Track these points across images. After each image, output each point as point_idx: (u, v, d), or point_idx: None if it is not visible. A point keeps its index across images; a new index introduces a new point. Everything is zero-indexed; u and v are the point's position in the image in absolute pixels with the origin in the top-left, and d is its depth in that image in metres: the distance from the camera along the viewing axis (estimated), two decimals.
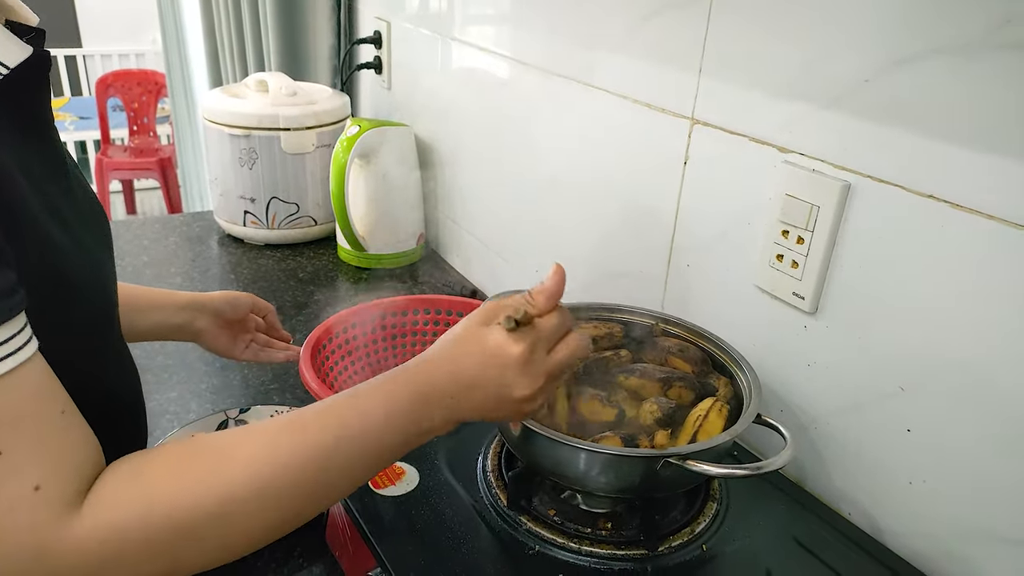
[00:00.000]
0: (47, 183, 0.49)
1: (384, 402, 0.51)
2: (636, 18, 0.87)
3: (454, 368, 0.52)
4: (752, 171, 0.76)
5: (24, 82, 0.46)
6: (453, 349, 0.53)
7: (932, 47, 0.58)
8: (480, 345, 0.52)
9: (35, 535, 0.41)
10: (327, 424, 0.49)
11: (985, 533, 0.62)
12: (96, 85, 3.99)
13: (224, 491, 0.45)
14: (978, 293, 0.59)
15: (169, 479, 0.45)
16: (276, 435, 0.48)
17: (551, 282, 0.54)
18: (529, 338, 0.52)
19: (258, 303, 0.89)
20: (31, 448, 0.42)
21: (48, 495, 0.41)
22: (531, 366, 0.52)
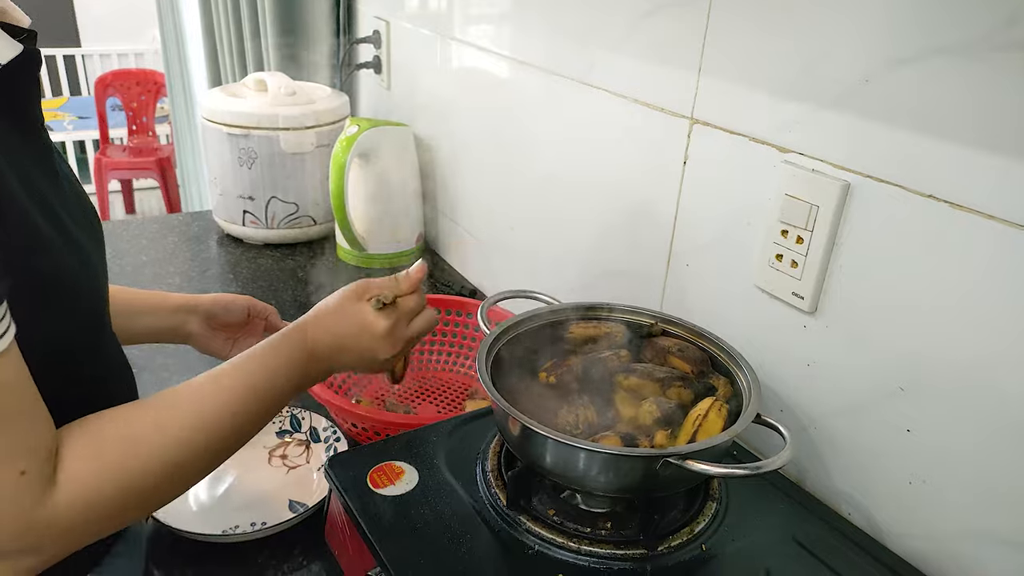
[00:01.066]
0: (37, 180, 0.49)
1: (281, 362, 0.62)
2: (635, 17, 0.87)
3: (334, 334, 0.66)
4: (752, 171, 0.76)
5: (14, 80, 0.47)
6: (332, 319, 0.66)
7: (933, 47, 0.58)
8: (355, 318, 0.66)
9: (24, 516, 0.46)
10: (240, 382, 0.59)
11: (985, 534, 0.62)
12: (95, 85, 3.99)
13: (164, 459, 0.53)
14: (978, 293, 0.59)
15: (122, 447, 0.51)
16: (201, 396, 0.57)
17: (415, 273, 0.70)
18: (394, 315, 0.67)
19: (256, 305, 0.88)
20: (15, 436, 0.45)
21: (31, 478, 0.46)
22: (393, 336, 0.67)
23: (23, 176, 0.47)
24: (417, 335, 0.70)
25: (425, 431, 0.76)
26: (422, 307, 0.70)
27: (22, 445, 0.46)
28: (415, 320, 0.70)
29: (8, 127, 0.47)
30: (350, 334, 0.66)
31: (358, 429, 0.87)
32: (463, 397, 1.01)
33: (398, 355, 0.69)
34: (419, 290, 0.70)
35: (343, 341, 0.66)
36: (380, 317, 0.66)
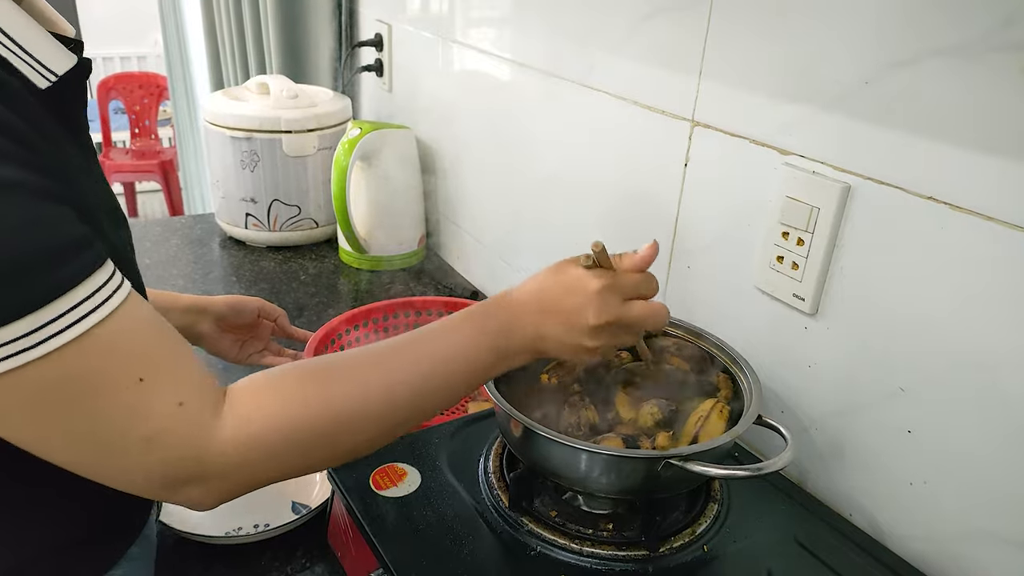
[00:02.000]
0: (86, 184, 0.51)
1: (474, 331, 0.57)
2: (636, 19, 0.87)
3: (537, 297, 0.59)
4: (752, 173, 0.76)
5: (68, 89, 0.49)
6: (536, 284, 0.60)
7: (932, 49, 0.59)
8: (561, 278, 0.59)
9: (188, 443, 0.47)
10: (426, 349, 0.56)
11: (986, 534, 0.62)
12: (98, 88, 4.00)
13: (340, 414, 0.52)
14: (978, 295, 0.59)
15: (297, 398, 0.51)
16: (387, 360, 0.55)
17: (643, 250, 0.61)
18: (606, 278, 0.58)
19: (266, 307, 0.89)
20: (164, 372, 0.47)
21: (190, 409, 0.47)
22: (605, 301, 0.57)
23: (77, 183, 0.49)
24: (633, 319, 0.59)
25: (427, 432, 0.76)
26: (649, 293, 0.60)
27: (174, 379, 0.47)
28: (635, 302, 0.59)
29: (63, 134, 0.49)
30: (554, 293, 0.58)
31: None
32: (466, 399, 1.02)
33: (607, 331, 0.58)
34: (649, 274, 0.61)
35: (545, 300, 0.58)
36: (591, 275, 0.58)
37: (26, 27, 0.46)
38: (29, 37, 0.46)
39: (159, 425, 0.46)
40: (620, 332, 0.59)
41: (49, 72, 0.47)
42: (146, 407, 0.46)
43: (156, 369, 0.47)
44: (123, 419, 0.46)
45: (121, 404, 0.45)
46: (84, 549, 0.57)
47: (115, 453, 0.46)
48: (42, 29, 0.47)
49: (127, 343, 0.46)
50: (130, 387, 0.45)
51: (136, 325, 0.47)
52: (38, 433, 0.45)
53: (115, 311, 0.45)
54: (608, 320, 0.57)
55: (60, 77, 0.48)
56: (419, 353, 0.56)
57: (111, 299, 0.45)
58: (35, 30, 0.47)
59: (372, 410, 0.54)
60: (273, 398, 0.51)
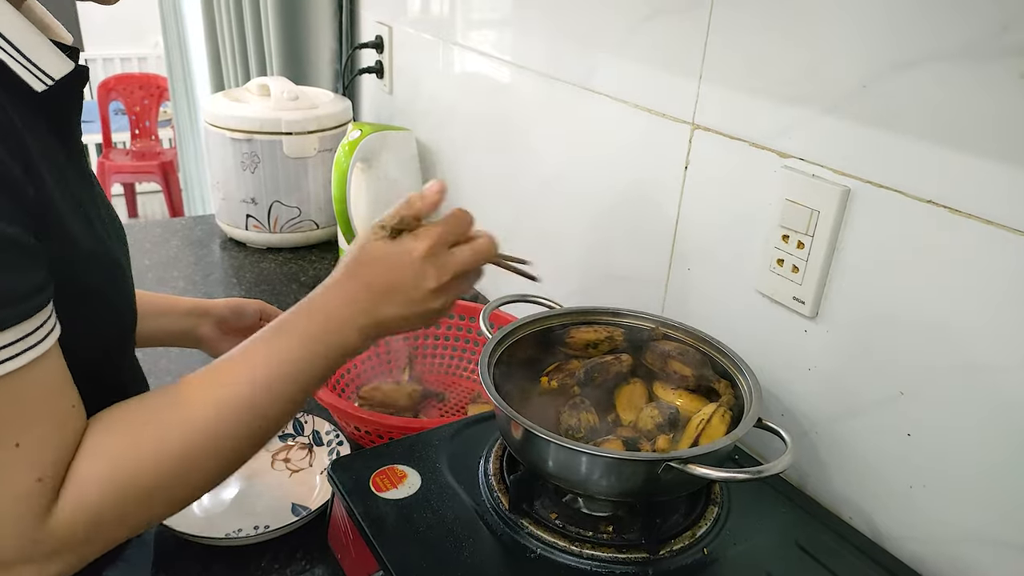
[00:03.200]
0: (76, 190, 0.51)
1: (300, 338, 0.54)
2: (636, 22, 0.87)
3: (364, 281, 0.55)
4: (753, 176, 0.76)
5: (64, 94, 0.49)
6: (353, 268, 0.56)
7: (931, 52, 0.59)
8: (381, 253, 0.55)
9: (31, 524, 0.45)
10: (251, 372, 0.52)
11: (986, 537, 0.62)
12: (98, 89, 4.00)
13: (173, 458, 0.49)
14: (978, 298, 0.59)
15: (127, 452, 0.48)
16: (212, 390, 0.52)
17: (430, 190, 0.58)
18: (426, 238, 0.55)
19: (267, 309, 0.89)
20: (43, 442, 0.45)
21: (46, 486, 0.45)
22: (437, 261, 0.55)
23: (64, 187, 0.49)
24: (465, 263, 0.57)
25: (428, 435, 0.76)
26: (467, 231, 0.59)
27: (47, 453, 0.45)
28: (461, 245, 0.57)
29: (55, 139, 0.49)
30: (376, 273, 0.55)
31: (361, 432, 0.87)
32: (466, 401, 1.02)
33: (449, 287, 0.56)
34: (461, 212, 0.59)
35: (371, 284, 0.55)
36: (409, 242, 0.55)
37: (24, 32, 0.46)
38: (27, 41, 0.46)
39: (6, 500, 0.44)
40: (461, 282, 0.58)
41: (45, 76, 0.47)
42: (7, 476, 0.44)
43: (39, 436, 0.45)
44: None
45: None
46: None
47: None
48: (40, 34, 0.48)
49: (26, 401, 0.44)
50: (6, 449, 0.44)
51: (42, 384, 0.45)
52: None
53: (27, 366, 0.43)
54: (448, 278, 0.56)
55: (56, 81, 0.48)
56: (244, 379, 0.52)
57: (26, 353, 0.43)
58: (33, 35, 0.47)
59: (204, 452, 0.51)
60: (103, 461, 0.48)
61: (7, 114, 0.45)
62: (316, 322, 0.55)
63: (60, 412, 0.47)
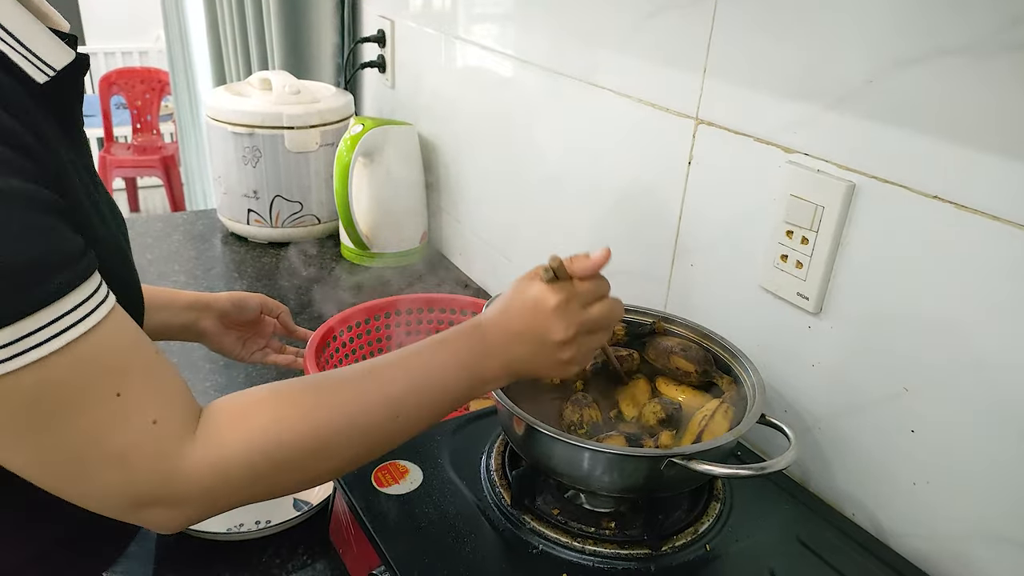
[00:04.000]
0: (84, 180, 0.50)
1: (448, 357, 0.58)
2: (640, 17, 0.87)
3: (503, 321, 0.59)
4: (757, 171, 0.76)
5: (65, 84, 0.49)
6: (502, 307, 0.60)
7: (937, 48, 0.58)
8: (522, 299, 0.59)
9: (158, 462, 0.47)
10: (397, 376, 0.56)
11: (990, 535, 0.62)
12: (99, 83, 3.99)
13: (313, 435, 0.52)
14: (983, 294, 0.59)
15: (269, 423, 0.50)
16: (359, 384, 0.55)
17: (596, 255, 0.60)
18: (565, 290, 0.59)
19: (268, 304, 0.89)
20: (142, 388, 0.47)
21: (164, 428, 0.47)
22: (567, 313, 0.58)
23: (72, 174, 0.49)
24: (595, 321, 0.60)
25: (430, 430, 0.76)
26: (604, 291, 0.61)
27: (152, 396, 0.47)
28: (594, 304, 0.60)
29: (60, 129, 0.49)
30: (518, 314, 0.59)
31: None
32: None
33: (575, 341, 0.59)
34: (600, 276, 0.61)
35: (512, 323, 0.59)
36: (550, 291, 0.58)
37: (24, 21, 0.46)
38: (27, 31, 0.46)
39: (132, 441, 0.46)
40: (588, 337, 0.60)
41: (47, 67, 0.47)
42: (121, 422, 0.46)
43: (134, 384, 0.46)
44: (96, 433, 0.45)
45: (96, 418, 0.45)
46: (82, 547, 0.56)
47: (84, 468, 0.46)
48: (40, 23, 0.47)
49: (107, 357, 0.45)
50: (107, 401, 0.45)
51: (117, 339, 0.46)
52: (9, 444, 0.45)
53: (98, 325, 0.45)
54: (574, 332, 0.59)
55: (58, 72, 0.48)
56: (395, 379, 0.56)
57: (95, 312, 0.45)
58: (33, 24, 0.47)
59: (344, 439, 0.53)
60: (247, 423, 0.50)
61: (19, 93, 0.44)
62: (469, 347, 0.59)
63: (147, 357, 0.48)
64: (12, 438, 0.44)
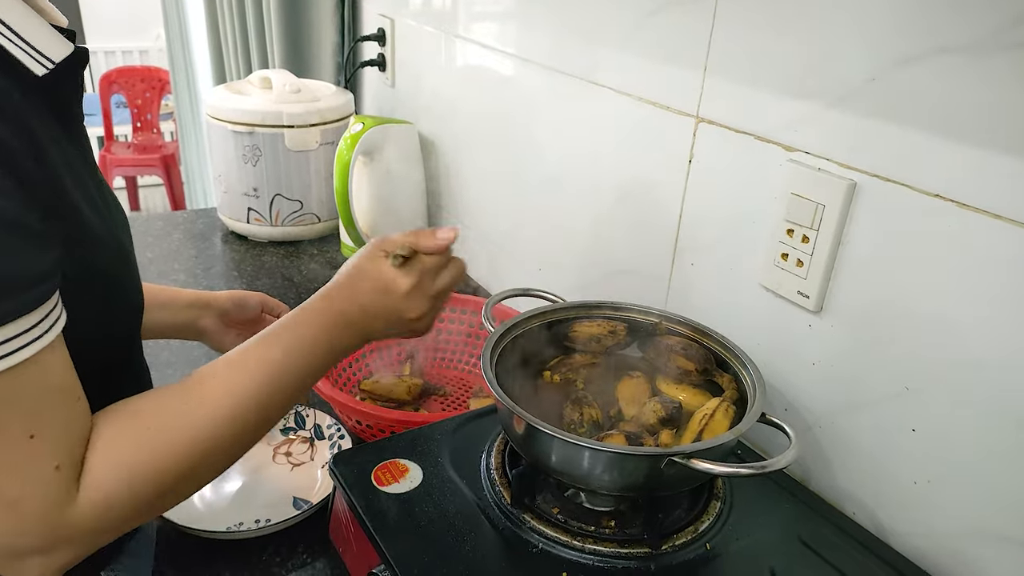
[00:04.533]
0: (83, 176, 0.50)
1: (304, 337, 0.59)
2: (641, 15, 0.86)
3: (355, 300, 0.61)
4: (757, 170, 0.76)
5: (65, 77, 0.49)
6: (351, 283, 0.62)
7: (939, 46, 0.58)
8: (374, 280, 0.62)
9: (51, 511, 0.45)
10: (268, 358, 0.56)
11: (990, 533, 0.61)
12: (100, 82, 3.99)
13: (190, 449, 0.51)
14: (984, 293, 0.59)
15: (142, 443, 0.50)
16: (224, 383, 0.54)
17: (444, 233, 0.63)
18: (416, 271, 0.62)
19: (269, 302, 0.88)
20: (56, 431, 0.46)
21: (64, 474, 0.46)
22: (420, 293, 0.62)
23: (74, 171, 0.49)
24: (446, 288, 0.65)
25: (429, 429, 0.76)
26: (448, 257, 0.65)
27: (62, 441, 0.46)
28: (442, 273, 0.64)
29: (58, 123, 0.49)
30: (373, 296, 0.62)
31: (362, 426, 0.87)
32: (467, 395, 1.01)
33: (429, 312, 0.64)
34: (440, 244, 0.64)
35: (367, 306, 0.61)
36: (400, 274, 0.62)
37: (22, 14, 0.46)
38: (25, 24, 0.46)
39: (29, 488, 0.45)
40: (438, 302, 0.65)
41: (46, 59, 0.47)
42: (25, 466, 0.44)
43: (50, 426, 0.45)
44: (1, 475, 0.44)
45: (3, 458, 0.44)
46: None
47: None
48: (38, 16, 0.47)
49: (34, 393, 0.44)
50: (18, 443, 0.44)
51: (45, 378, 0.45)
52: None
53: (32, 358, 0.43)
54: (428, 306, 0.63)
55: (57, 64, 0.47)
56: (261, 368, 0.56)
57: (32, 344, 0.43)
58: (31, 18, 0.46)
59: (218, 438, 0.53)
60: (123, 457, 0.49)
61: (10, 95, 0.44)
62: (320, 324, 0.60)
63: (69, 401, 0.47)
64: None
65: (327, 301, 0.61)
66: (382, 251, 0.62)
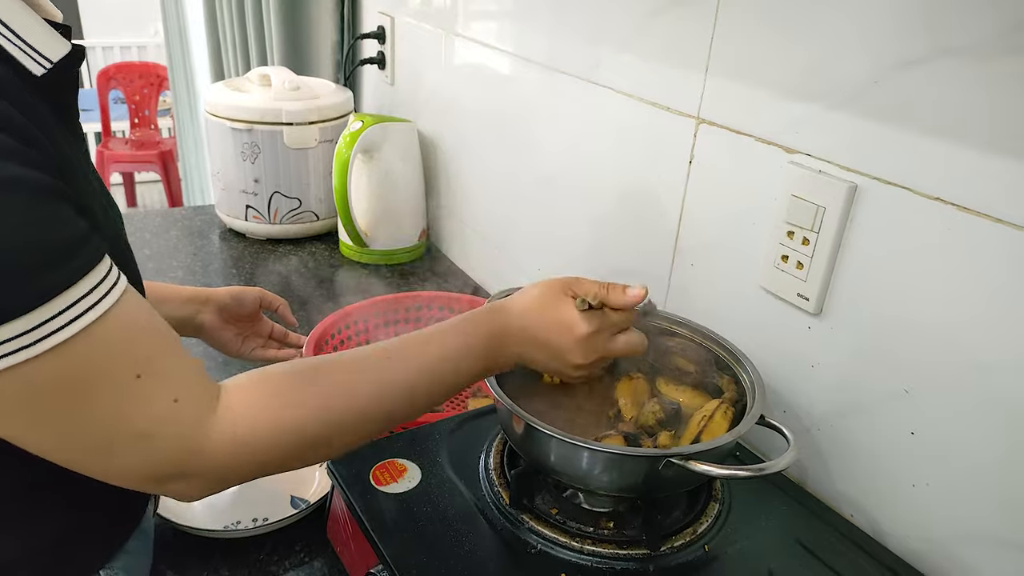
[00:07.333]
0: (85, 170, 0.50)
1: (463, 344, 0.60)
2: (643, 16, 0.86)
3: (527, 326, 0.62)
4: (758, 171, 0.75)
5: (63, 76, 0.49)
6: (530, 308, 0.62)
7: (941, 49, 0.58)
8: (555, 314, 0.62)
9: (181, 440, 0.48)
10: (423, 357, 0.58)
11: (988, 537, 0.62)
12: (97, 77, 3.98)
13: (333, 418, 0.53)
14: (984, 297, 0.59)
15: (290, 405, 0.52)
16: (380, 363, 0.57)
17: (633, 291, 0.63)
18: (597, 322, 0.62)
19: (267, 297, 0.88)
20: (161, 368, 0.47)
21: (185, 406, 0.48)
22: (592, 345, 0.62)
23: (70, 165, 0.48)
24: (616, 353, 0.64)
25: (428, 428, 0.76)
26: (630, 324, 0.65)
27: (171, 375, 0.47)
28: (619, 336, 0.64)
29: (58, 121, 0.49)
30: (545, 327, 0.61)
31: None
32: (466, 395, 1.01)
33: (591, 366, 0.63)
34: (631, 310, 0.65)
35: (537, 333, 0.61)
36: (582, 319, 0.61)
37: (20, 12, 0.46)
38: (22, 23, 0.46)
39: (154, 421, 0.47)
40: (604, 361, 0.65)
41: (44, 59, 0.46)
42: (143, 404, 0.46)
43: (153, 365, 0.47)
44: (119, 415, 0.46)
45: (118, 401, 0.45)
46: (80, 543, 0.56)
47: (109, 448, 0.46)
48: (34, 14, 0.47)
49: (124, 339, 0.46)
50: (127, 383, 0.45)
51: (133, 320, 0.47)
52: (34, 429, 0.45)
53: (112, 307, 0.45)
54: (594, 359, 0.63)
55: (55, 64, 0.47)
56: (410, 357, 0.58)
57: (109, 295, 0.45)
58: (27, 15, 0.46)
59: (361, 414, 0.55)
60: (266, 399, 0.51)
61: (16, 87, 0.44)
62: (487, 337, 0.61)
63: (164, 339, 0.48)
64: (36, 422, 0.44)
65: (493, 315, 0.62)
66: (571, 291, 0.62)
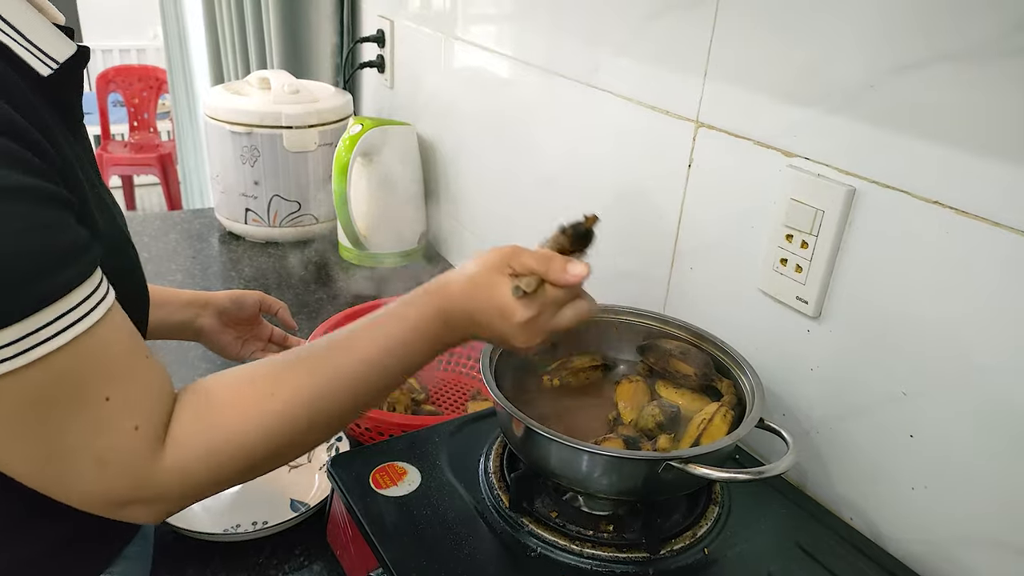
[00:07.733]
0: (90, 172, 0.50)
1: (409, 325, 0.57)
2: (641, 19, 0.87)
3: (469, 309, 0.58)
4: (757, 175, 0.76)
5: (68, 76, 0.49)
6: (466, 290, 0.59)
7: (939, 53, 0.58)
8: (491, 299, 0.58)
9: (135, 469, 0.47)
10: (372, 343, 0.56)
11: (987, 540, 0.62)
12: (96, 80, 3.98)
13: (276, 424, 0.51)
14: (982, 300, 0.59)
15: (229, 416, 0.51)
16: (321, 361, 0.54)
17: (576, 267, 0.58)
18: (536, 306, 0.58)
19: (267, 300, 0.88)
20: (130, 393, 0.47)
21: (144, 434, 0.47)
22: (533, 328, 0.58)
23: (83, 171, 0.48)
24: (563, 327, 0.60)
25: (428, 432, 0.76)
26: (576, 293, 0.60)
27: (138, 403, 0.47)
28: (564, 310, 0.59)
29: (64, 123, 0.49)
30: (483, 312, 0.58)
31: (361, 429, 0.86)
32: (466, 398, 1.01)
33: (539, 344, 0.60)
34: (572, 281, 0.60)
35: (476, 317, 0.58)
36: (519, 305, 0.57)
37: (25, 13, 0.46)
38: (28, 24, 0.46)
39: (112, 449, 0.46)
40: (551, 335, 0.60)
41: (50, 59, 0.47)
42: (104, 430, 0.46)
43: (123, 389, 0.46)
44: (83, 436, 0.45)
45: (84, 422, 0.45)
46: (80, 548, 0.56)
47: (69, 468, 0.46)
48: (41, 16, 0.47)
49: (104, 355, 0.46)
50: (97, 405, 0.45)
51: (115, 337, 0.47)
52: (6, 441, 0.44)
53: (99, 321, 0.45)
54: (538, 340, 0.59)
55: (61, 64, 0.47)
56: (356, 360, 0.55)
57: (97, 308, 0.45)
58: (34, 17, 0.46)
59: (314, 416, 0.53)
60: (210, 425, 0.50)
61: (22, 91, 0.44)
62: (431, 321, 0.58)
63: (139, 362, 0.48)
64: (11, 436, 0.44)
65: (435, 297, 0.59)
66: (509, 269, 0.59)
